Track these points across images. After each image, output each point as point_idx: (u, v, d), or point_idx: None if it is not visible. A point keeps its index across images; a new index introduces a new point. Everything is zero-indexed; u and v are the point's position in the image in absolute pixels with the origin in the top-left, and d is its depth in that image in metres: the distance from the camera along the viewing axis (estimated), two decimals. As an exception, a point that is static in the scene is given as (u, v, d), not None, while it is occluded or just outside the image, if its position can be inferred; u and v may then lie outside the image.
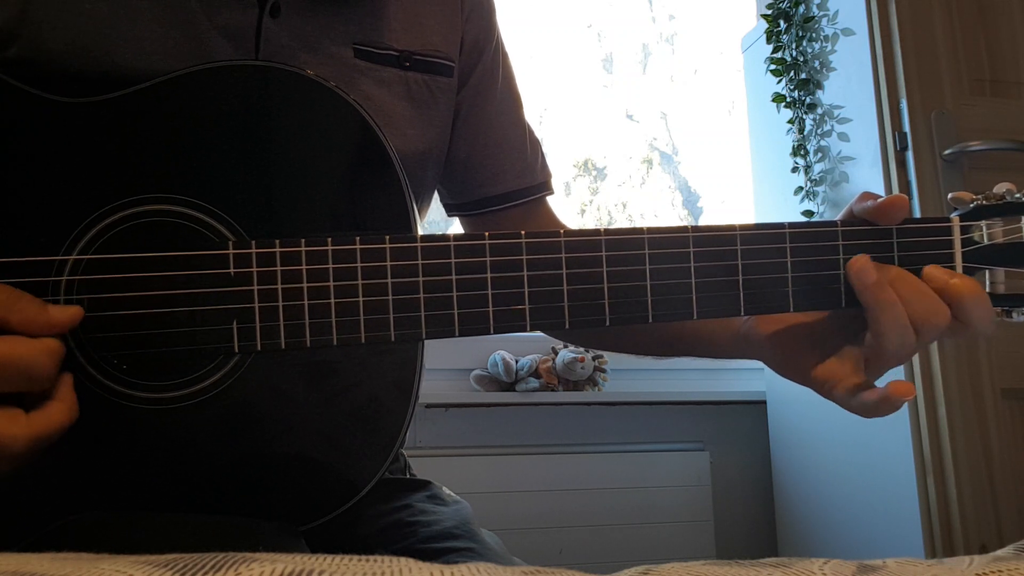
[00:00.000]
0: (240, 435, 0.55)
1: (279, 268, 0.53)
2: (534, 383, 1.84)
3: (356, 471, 0.57)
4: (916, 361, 1.45)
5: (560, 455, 1.85)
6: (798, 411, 1.84)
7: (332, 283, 0.53)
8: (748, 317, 0.66)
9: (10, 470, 0.47)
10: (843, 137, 1.68)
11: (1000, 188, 0.59)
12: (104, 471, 0.54)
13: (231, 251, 0.53)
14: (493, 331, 0.55)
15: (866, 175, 1.60)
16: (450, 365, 1.89)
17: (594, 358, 1.87)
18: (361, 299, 0.53)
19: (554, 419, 1.89)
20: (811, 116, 1.76)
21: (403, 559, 0.30)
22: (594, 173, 5.23)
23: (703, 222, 1.72)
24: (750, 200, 2.04)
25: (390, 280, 0.54)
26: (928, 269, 0.57)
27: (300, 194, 0.57)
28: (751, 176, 2.04)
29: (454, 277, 0.54)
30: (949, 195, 0.62)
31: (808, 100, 1.76)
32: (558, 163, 5.02)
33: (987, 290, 0.59)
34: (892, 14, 1.55)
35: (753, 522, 1.97)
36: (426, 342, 0.57)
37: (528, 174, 0.83)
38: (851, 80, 1.64)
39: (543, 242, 0.56)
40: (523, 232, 0.55)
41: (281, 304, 0.53)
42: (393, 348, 0.57)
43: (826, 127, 1.72)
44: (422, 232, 0.60)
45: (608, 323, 0.56)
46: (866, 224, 0.59)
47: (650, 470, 1.87)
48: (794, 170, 1.80)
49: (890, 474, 1.52)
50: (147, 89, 0.55)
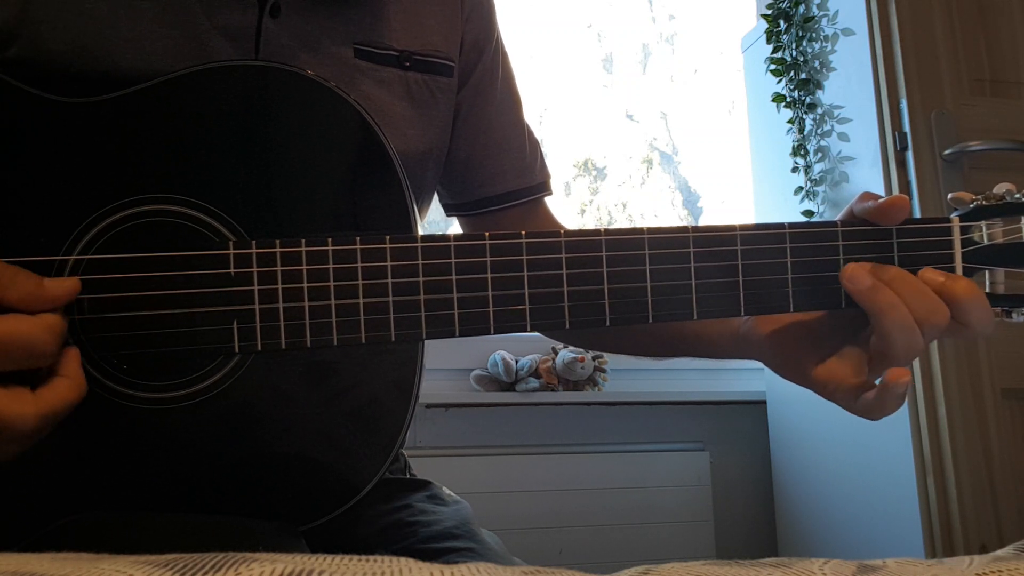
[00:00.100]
0: (240, 435, 0.55)
1: (279, 268, 0.53)
2: (534, 383, 1.84)
3: (356, 471, 0.57)
4: (916, 361, 1.45)
5: (560, 455, 1.85)
6: (798, 411, 1.84)
7: (332, 283, 0.53)
8: (748, 317, 0.66)
9: (19, 450, 0.46)
10: (843, 137, 1.68)
11: (1000, 188, 0.59)
12: (104, 471, 0.54)
13: (231, 251, 0.53)
14: (493, 331, 0.55)
15: (866, 175, 1.60)
16: (450, 365, 1.89)
17: (594, 358, 1.87)
18: (361, 299, 0.53)
19: (554, 419, 1.89)
20: (811, 116, 1.76)
21: (403, 559, 0.30)
22: (594, 173, 5.22)
23: (703, 222, 1.72)
24: (750, 200, 2.04)
25: (390, 280, 0.54)
26: (924, 272, 0.57)
27: (300, 194, 0.57)
28: (751, 176, 2.04)
29: (454, 277, 0.54)
30: (949, 195, 0.62)
31: (808, 100, 1.76)
32: (558, 163, 5.01)
33: (987, 290, 0.58)
34: (892, 14, 1.55)
35: (753, 522, 1.97)
36: (426, 342, 0.57)
37: (527, 174, 0.83)
38: (851, 80, 1.64)
39: (543, 242, 0.55)
40: (523, 232, 0.55)
41: (281, 304, 0.53)
42: (393, 348, 0.57)
43: (826, 127, 1.72)
44: (422, 232, 0.60)
45: (608, 323, 0.56)
46: (866, 224, 0.59)
47: (650, 470, 1.87)
48: (794, 170, 1.80)
49: (890, 474, 1.52)
50: (147, 89, 0.55)
